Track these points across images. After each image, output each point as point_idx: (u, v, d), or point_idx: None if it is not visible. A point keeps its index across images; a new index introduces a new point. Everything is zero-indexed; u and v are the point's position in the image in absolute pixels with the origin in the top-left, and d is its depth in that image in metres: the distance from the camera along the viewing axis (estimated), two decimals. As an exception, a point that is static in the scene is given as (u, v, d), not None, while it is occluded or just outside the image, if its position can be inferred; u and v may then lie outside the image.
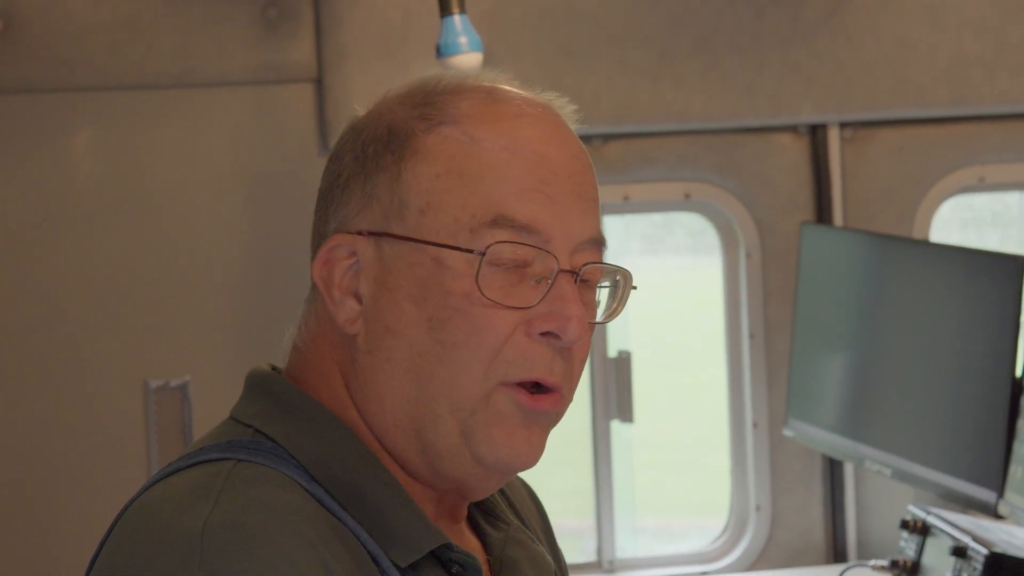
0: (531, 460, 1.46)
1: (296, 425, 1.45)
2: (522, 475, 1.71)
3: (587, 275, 1.46)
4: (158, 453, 3.63)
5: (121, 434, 3.65)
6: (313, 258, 1.49)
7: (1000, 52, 3.83)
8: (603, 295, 1.50)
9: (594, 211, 1.48)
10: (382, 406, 1.44)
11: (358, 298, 1.45)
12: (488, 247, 1.41)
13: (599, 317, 1.49)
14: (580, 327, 1.43)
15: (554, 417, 1.47)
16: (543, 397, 1.45)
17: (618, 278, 1.50)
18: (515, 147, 1.44)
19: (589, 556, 3.96)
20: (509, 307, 1.42)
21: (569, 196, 1.45)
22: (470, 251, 1.41)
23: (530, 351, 1.43)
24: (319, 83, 3.66)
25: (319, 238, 1.49)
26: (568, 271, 1.44)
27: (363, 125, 1.49)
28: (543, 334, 1.43)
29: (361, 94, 3.77)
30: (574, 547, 4.05)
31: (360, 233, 1.45)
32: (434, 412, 1.43)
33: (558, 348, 1.44)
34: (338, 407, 1.47)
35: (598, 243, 1.47)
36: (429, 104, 1.47)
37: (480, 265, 1.41)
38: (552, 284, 1.43)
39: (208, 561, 1.31)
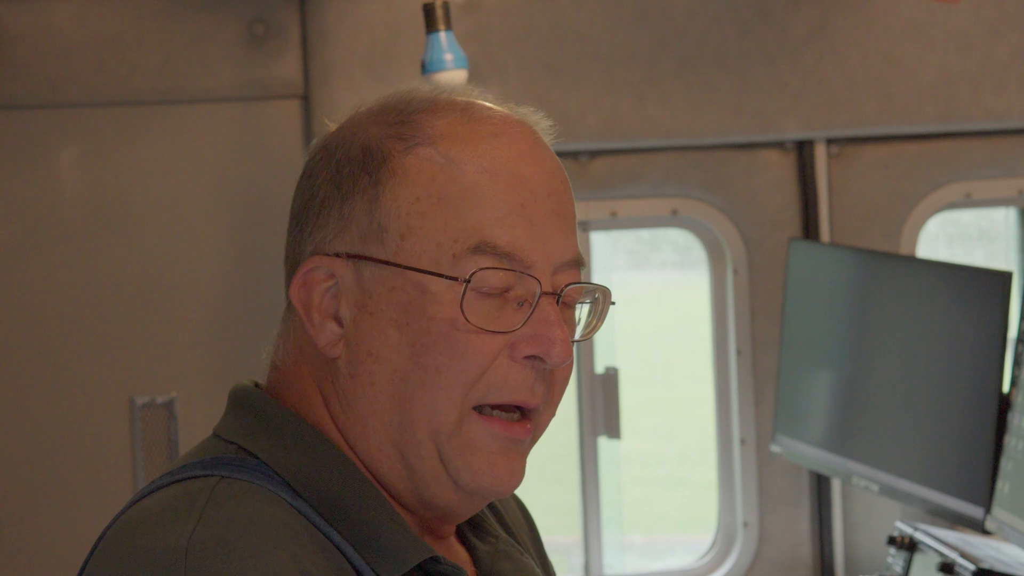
0: (513, 486, 1.46)
1: (279, 441, 1.44)
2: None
3: (568, 295, 1.45)
4: (144, 470, 3.62)
5: (107, 451, 3.64)
6: (289, 278, 1.47)
7: (985, 69, 3.84)
8: (582, 311, 1.49)
9: (572, 230, 1.47)
10: (365, 430, 1.44)
11: (338, 321, 1.44)
12: (473, 274, 1.40)
13: (578, 335, 1.49)
14: (564, 350, 1.42)
15: (530, 442, 1.47)
16: (517, 425, 1.44)
17: (597, 295, 1.49)
18: (494, 169, 1.43)
19: (576, 573, 3.95)
20: (493, 332, 1.41)
21: (549, 217, 1.44)
22: (454, 279, 1.40)
23: (512, 375, 1.42)
24: (305, 99, 3.66)
25: (294, 258, 1.48)
26: (550, 293, 1.43)
27: (336, 143, 1.47)
28: (527, 357, 1.42)
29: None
30: (562, 563, 4.05)
31: (338, 256, 1.44)
32: (416, 437, 1.42)
33: (540, 370, 1.43)
34: (318, 426, 1.46)
35: (577, 263, 1.46)
36: (404, 123, 1.45)
37: (464, 292, 1.40)
38: (535, 307, 1.42)
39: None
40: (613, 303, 1.50)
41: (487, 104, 1.48)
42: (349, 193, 1.44)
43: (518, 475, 1.45)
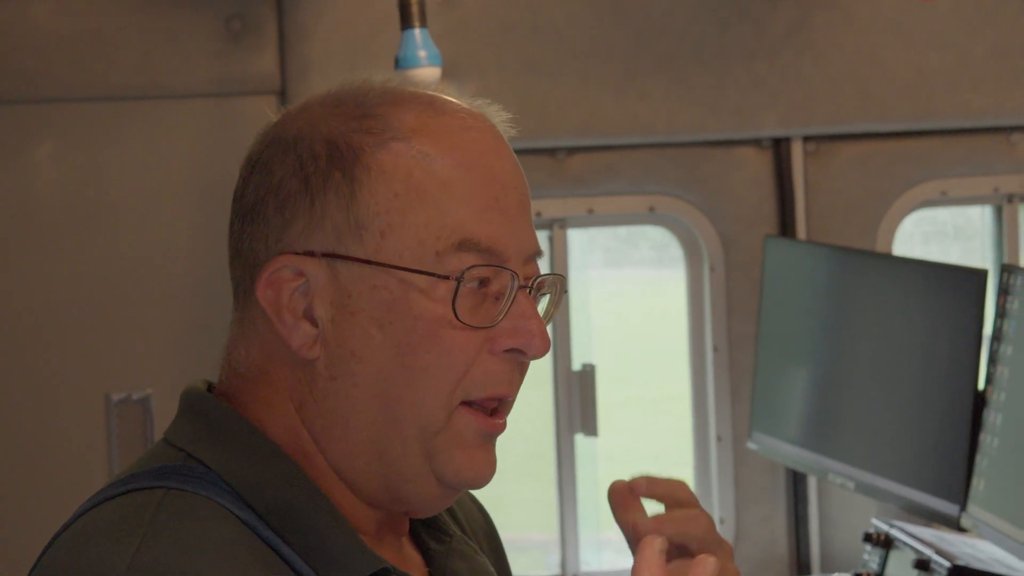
0: (490, 478, 1.46)
1: (228, 448, 1.41)
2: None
3: (537, 286, 1.46)
4: (120, 466, 3.61)
5: (83, 447, 3.62)
6: (243, 278, 1.44)
7: (962, 67, 3.85)
8: (542, 300, 1.49)
9: (532, 221, 1.47)
10: (346, 431, 1.41)
11: (312, 321, 1.41)
12: (464, 272, 1.39)
13: None
14: (544, 342, 1.42)
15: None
16: (495, 420, 1.44)
17: (555, 284, 1.50)
18: (468, 163, 1.41)
19: (553, 570, 3.95)
20: (476, 327, 1.40)
21: (517, 209, 1.44)
22: (446, 277, 1.39)
23: (494, 369, 1.41)
24: (282, 95, 3.65)
25: (250, 257, 1.43)
26: (524, 286, 1.43)
27: (293, 137, 1.43)
28: (507, 351, 1.42)
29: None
30: (538, 561, 4.05)
31: (310, 254, 1.40)
32: (401, 435, 1.40)
33: (518, 362, 1.43)
34: (287, 433, 1.42)
35: (539, 254, 1.47)
36: (368, 116, 1.42)
37: (457, 290, 1.39)
38: (512, 301, 1.42)
39: None
40: (565, 291, 1.51)
41: (449, 98, 1.46)
42: (320, 190, 1.40)
43: (494, 465, 1.46)
